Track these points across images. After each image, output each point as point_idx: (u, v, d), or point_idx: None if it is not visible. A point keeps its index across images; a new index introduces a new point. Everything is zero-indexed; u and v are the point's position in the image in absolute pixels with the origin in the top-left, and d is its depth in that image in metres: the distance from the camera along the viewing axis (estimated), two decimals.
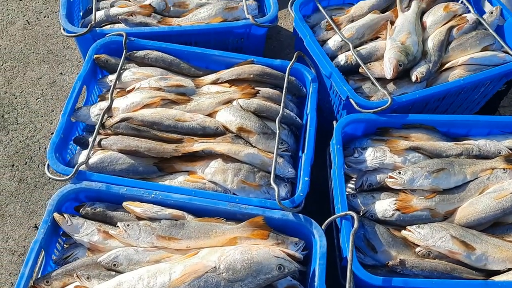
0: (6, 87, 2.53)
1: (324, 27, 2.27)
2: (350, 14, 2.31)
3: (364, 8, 2.32)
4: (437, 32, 2.21)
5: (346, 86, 1.97)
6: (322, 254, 1.59)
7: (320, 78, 2.13)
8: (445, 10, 2.27)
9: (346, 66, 2.15)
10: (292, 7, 2.25)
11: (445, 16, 2.26)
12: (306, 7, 2.32)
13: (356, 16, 2.30)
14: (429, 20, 2.27)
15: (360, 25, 2.24)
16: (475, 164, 1.85)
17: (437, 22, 2.25)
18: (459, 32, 2.21)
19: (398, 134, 1.95)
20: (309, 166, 1.79)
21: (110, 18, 2.34)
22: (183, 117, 1.89)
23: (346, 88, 1.96)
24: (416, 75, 2.05)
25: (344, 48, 2.21)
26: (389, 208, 1.77)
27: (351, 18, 2.30)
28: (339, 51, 2.21)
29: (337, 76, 2.00)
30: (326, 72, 2.05)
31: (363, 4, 2.34)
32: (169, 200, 1.68)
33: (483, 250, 1.66)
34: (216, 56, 2.12)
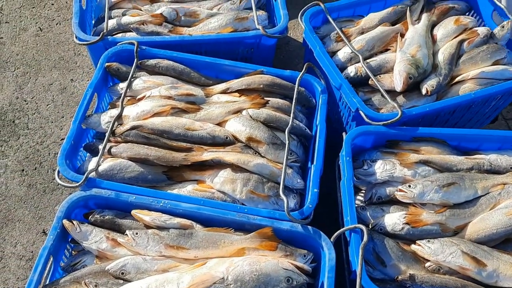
0: (17, 93, 2.56)
1: (334, 39, 2.28)
2: (360, 26, 2.31)
3: (374, 21, 2.32)
4: (447, 45, 2.20)
5: (355, 97, 1.97)
6: (331, 267, 1.58)
7: (330, 89, 2.13)
8: (455, 23, 2.26)
9: (356, 78, 2.15)
10: (302, 18, 2.25)
11: (455, 29, 2.25)
12: (316, 19, 2.33)
13: (366, 28, 2.31)
14: (440, 33, 2.26)
15: (370, 37, 2.24)
16: (486, 179, 1.84)
17: (448, 35, 2.24)
18: (470, 45, 2.20)
19: (408, 147, 1.94)
20: (318, 177, 1.79)
21: (122, 27, 2.36)
22: (192, 126, 1.89)
23: (355, 100, 1.96)
24: (426, 88, 2.05)
25: (353, 60, 2.21)
26: (398, 222, 1.76)
27: (361, 30, 2.31)
28: (349, 63, 2.21)
29: (346, 87, 2.00)
30: (335, 83, 2.05)
31: (373, 16, 2.34)
32: (178, 209, 1.68)
33: (494, 266, 1.64)
34: (226, 65, 2.13)
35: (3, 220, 2.11)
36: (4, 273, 1.97)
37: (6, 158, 2.31)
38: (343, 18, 2.40)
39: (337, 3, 2.35)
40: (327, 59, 2.11)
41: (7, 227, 2.10)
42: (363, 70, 2.12)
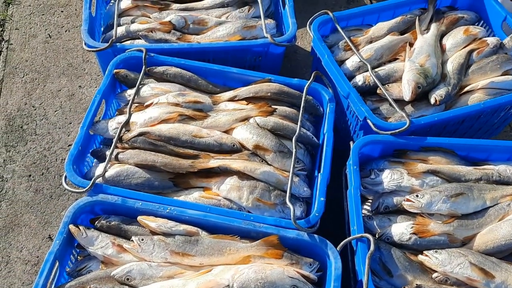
0: (26, 99, 2.58)
1: (343, 48, 2.28)
2: (368, 35, 2.31)
3: (383, 30, 2.32)
4: (456, 55, 2.20)
5: (363, 106, 1.96)
6: (337, 276, 1.57)
7: (337, 98, 2.13)
8: (465, 33, 2.26)
9: (364, 87, 2.14)
10: (310, 27, 2.26)
11: (465, 39, 2.25)
12: (325, 27, 2.33)
13: (375, 37, 2.31)
14: (449, 43, 2.26)
15: (378, 46, 2.25)
16: (495, 190, 1.82)
17: (457, 45, 2.24)
18: (479, 55, 2.20)
19: (416, 157, 1.93)
20: (325, 186, 1.78)
21: (131, 34, 2.38)
22: (200, 133, 1.89)
23: (363, 109, 1.95)
24: (435, 97, 2.04)
25: (362, 69, 2.21)
26: (406, 232, 1.74)
27: (369, 39, 2.31)
28: (357, 72, 2.21)
29: (354, 96, 2.00)
30: (343, 92, 2.04)
31: (382, 25, 2.34)
32: (184, 216, 1.68)
33: (503, 278, 1.62)
34: (234, 73, 2.14)
35: (9, 225, 2.12)
36: (10, 278, 1.97)
37: (13, 163, 2.32)
38: (351, 27, 2.41)
39: (346, 12, 2.35)
40: (335, 67, 2.11)
41: (14, 232, 2.10)
42: (371, 79, 2.12)
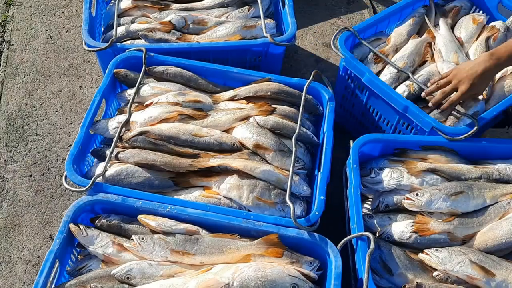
0: (26, 99, 2.58)
1: (372, 61, 2.23)
2: (392, 44, 2.28)
3: (403, 35, 2.30)
4: (477, 46, 2.23)
5: (428, 117, 1.92)
6: (337, 275, 1.57)
7: (383, 109, 2.13)
8: (474, 23, 2.29)
9: (410, 97, 2.07)
10: (336, 46, 2.16)
11: (476, 28, 2.28)
12: (346, 43, 2.21)
13: (399, 44, 2.28)
14: (463, 35, 2.28)
15: (409, 52, 2.21)
16: (495, 188, 1.82)
17: (472, 35, 2.27)
18: (495, 41, 2.22)
19: (416, 156, 1.93)
20: (325, 184, 1.78)
21: (131, 34, 2.38)
22: (200, 132, 1.90)
23: (429, 120, 1.91)
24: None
25: (400, 79, 2.16)
26: (406, 230, 1.74)
27: (394, 48, 2.28)
28: (396, 83, 2.16)
29: (414, 109, 1.94)
30: (399, 107, 1.99)
31: (400, 31, 2.32)
32: (184, 215, 1.68)
33: (503, 276, 1.61)
34: (233, 73, 2.14)
35: (10, 225, 2.12)
36: (11, 278, 1.97)
37: (14, 163, 2.32)
38: (370, 38, 2.36)
39: (361, 25, 2.27)
40: (381, 83, 2.04)
41: (14, 232, 2.10)
42: (414, 87, 2.09)
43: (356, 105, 2.32)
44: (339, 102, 2.40)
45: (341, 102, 2.40)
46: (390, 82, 2.15)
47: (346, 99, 2.36)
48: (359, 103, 2.27)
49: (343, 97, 2.37)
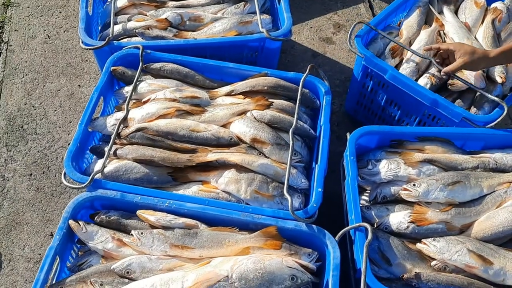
0: (26, 99, 2.60)
1: (389, 56, 2.25)
2: (406, 37, 2.30)
3: (414, 26, 2.32)
4: (485, 29, 2.26)
5: (457, 108, 1.95)
6: (336, 266, 1.58)
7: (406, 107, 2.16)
8: (477, 6, 2.33)
9: (432, 88, 2.10)
10: (352, 44, 2.17)
11: (480, 12, 2.32)
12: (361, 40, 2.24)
13: (412, 36, 2.30)
14: (469, 20, 2.32)
15: (424, 44, 2.23)
16: (492, 178, 1.83)
17: (477, 19, 2.31)
18: (501, 23, 2.27)
19: (412, 147, 1.94)
20: (322, 177, 1.79)
21: (127, 32, 2.39)
22: (197, 127, 1.91)
23: (458, 111, 1.94)
24: (499, 76, 2.07)
25: (420, 71, 2.19)
26: (403, 221, 1.75)
27: (408, 40, 2.30)
28: (415, 75, 2.18)
29: (443, 102, 1.97)
30: (427, 100, 2.01)
31: (410, 23, 2.34)
32: (183, 209, 1.69)
33: (501, 264, 1.62)
34: (230, 68, 2.15)
35: (11, 223, 2.14)
36: (13, 275, 1.99)
37: (14, 162, 2.34)
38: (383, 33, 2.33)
39: (374, 20, 2.28)
40: (406, 79, 2.06)
41: (16, 230, 2.12)
42: (435, 78, 2.12)
43: (375, 102, 2.34)
44: (356, 100, 2.43)
45: (359, 99, 2.43)
46: (410, 75, 2.17)
47: (364, 96, 2.38)
48: (379, 99, 2.30)
49: (360, 94, 2.39)
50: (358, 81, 2.32)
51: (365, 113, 2.47)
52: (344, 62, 2.85)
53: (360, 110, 2.49)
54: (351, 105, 2.53)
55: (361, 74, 2.27)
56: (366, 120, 2.49)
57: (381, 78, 2.15)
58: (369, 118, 2.46)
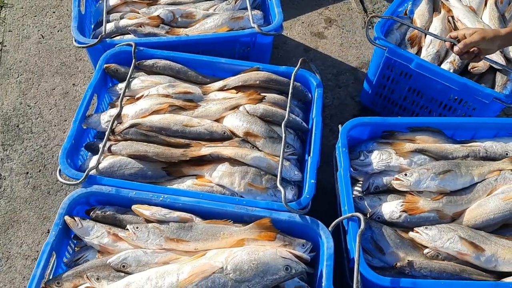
0: (21, 98, 2.61)
1: (409, 45, 2.30)
2: (420, 25, 2.34)
3: (426, 15, 2.38)
4: (489, 11, 2.32)
5: (487, 90, 2.01)
6: (329, 255, 1.60)
7: (432, 90, 2.20)
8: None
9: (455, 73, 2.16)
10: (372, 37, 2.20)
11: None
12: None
13: (425, 24, 2.35)
14: (473, 3, 2.37)
15: (439, 31, 2.28)
16: (482, 166, 1.85)
17: (481, 2, 2.38)
18: (503, 3, 2.32)
19: (404, 137, 1.96)
20: (315, 168, 1.81)
21: (120, 30, 2.41)
22: (190, 122, 1.93)
23: (488, 92, 2.00)
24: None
25: (440, 57, 2.25)
26: (396, 210, 1.77)
27: (423, 28, 2.34)
28: (437, 62, 2.24)
29: (473, 85, 2.03)
30: (455, 85, 2.07)
31: (421, 11, 2.40)
32: (177, 203, 1.71)
33: (492, 251, 1.64)
34: (222, 63, 2.16)
35: (9, 222, 2.16)
36: (11, 273, 2.01)
37: (11, 161, 2.36)
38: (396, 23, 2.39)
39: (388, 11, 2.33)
40: (432, 66, 2.12)
41: (13, 228, 2.14)
42: (456, 63, 2.18)
43: (396, 91, 2.38)
44: (375, 91, 2.47)
45: (377, 90, 2.46)
46: (432, 62, 2.23)
47: (383, 87, 2.42)
48: (400, 88, 2.34)
49: (379, 86, 2.42)
50: (378, 73, 2.35)
51: (384, 104, 2.52)
52: (336, 56, 2.86)
53: (378, 101, 2.53)
54: (368, 96, 2.56)
55: (382, 65, 2.29)
56: (384, 110, 2.54)
57: (404, 67, 2.19)
58: (389, 108, 2.51)
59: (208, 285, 1.46)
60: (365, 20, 2.20)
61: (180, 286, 1.46)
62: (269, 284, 1.50)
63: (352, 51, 2.90)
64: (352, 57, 2.87)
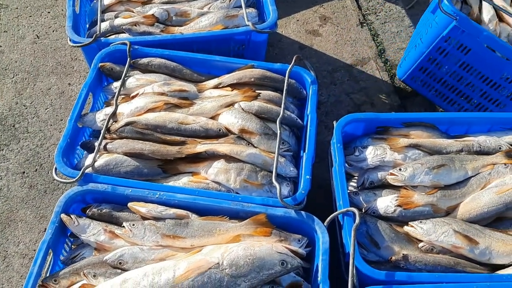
0: (17, 98, 2.62)
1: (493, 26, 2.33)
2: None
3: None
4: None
5: None
6: (325, 250, 1.61)
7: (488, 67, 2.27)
8: None
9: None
10: (442, 8, 2.22)
11: None
12: None
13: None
14: None
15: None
16: (476, 160, 1.86)
17: None
18: None
19: (398, 133, 1.97)
20: (310, 164, 1.82)
21: (115, 29, 2.41)
22: (186, 120, 1.93)
23: None
24: None
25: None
26: (390, 205, 1.79)
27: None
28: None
29: None
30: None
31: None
32: (173, 200, 1.71)
33: (486, 244, 1.66)
34: (217, 61, 2.17)
35: (6, 221, 2.16)
36: (8, 272, 2.02)
37: (7, 161, 2.36)
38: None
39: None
40: (502, 42, 2.16)
41: (10, 227, 2.14)
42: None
43: (445, 66, 2.44)
44: (420, 66, 2.51)
45: (424, 65, 2.50)
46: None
47: (433, 62, 2.45)
48: (451, 63, 2.39)
49: (429, 59, 2.45)
50: (434, 45, 2.37)
51: (426, 80, 2.56)
52: (331, 53, 2.88)
53: (420, 77, 2.58)
54: (409, 72, 2.60)
55: (440, 37, 2.30)
56: (423, 88, 2.61)
57: (468, 40, 2.22)
58: (429, 84, 2.57)
59: (204, 281, 1.47)
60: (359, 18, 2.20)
61: (177, 282, 1.47)
62: (265, 279, 1.51)
63: (347, 48, 2.91)
64: (347, 54, 2.88)
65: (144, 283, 1.47)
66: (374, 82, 2.74)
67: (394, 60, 2.87)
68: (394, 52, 2.91)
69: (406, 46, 2.92)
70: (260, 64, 2.15)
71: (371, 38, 2.97)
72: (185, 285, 1.45)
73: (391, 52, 2.91)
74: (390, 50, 2.92)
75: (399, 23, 3.07)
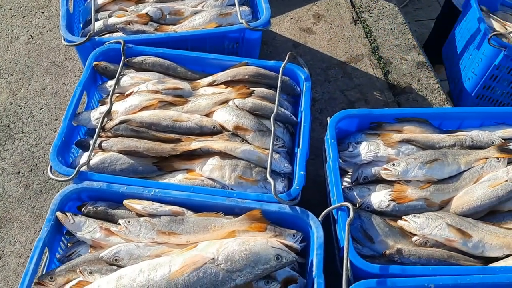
0: (11, 98, 2.62)
1: None
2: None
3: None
4: None
5: None
6: (319, 245, 1.62)
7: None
8: None
9: None
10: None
11: None
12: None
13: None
14: None
15: None
16: (469, 154, 1.88)
17: None
18: None
19: (391, 128, 1.99)
20: (304, 160, 1.83)
21: (109, 28, 2.42)
22: (180, 117, 1.94)
23: None
24: None
25: None
26: (384, 199, 1.80)
27: None
28: None
29: None
30: None
31: None
32: (169, 197, 1.72)
33: (479, 237, 1.67)
34: (211, 59, 2.18)
35: (1, 221, 2.16)
36: (4, 271, 2.02)
37: (2, 161, 2.36)
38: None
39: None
40: None
41: (6, 227, 2.14)
42: None
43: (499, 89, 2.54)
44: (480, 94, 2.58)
45: (483, 93, 2.58)
46: None
47: (488, 88, 2.54)
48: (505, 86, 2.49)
49: (484, 87, 2.54)
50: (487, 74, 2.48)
51: (484, 104, 2.63)
52: (325, 51, 2.89)
53: (479, 103, 2.63)
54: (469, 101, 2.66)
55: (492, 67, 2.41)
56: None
57: None
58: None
59: (200, 276, 1.48)
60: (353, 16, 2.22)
61: (172, 277, 1.47)
62: (260, 273, 1.52)
63: (340, 45, 2.93)
64: (340, 51, 2.90)
65: (140, 279, 1.47)
66: (368, 79, 2.76)
67: (388, 57, 2.89)
68: (388, 49, 2.93)
69: (399, 43, 2.95)
70: (254, 62, 2.16)
71: (364, 36, 2.98)
72: (181, 280, 1.46)
73: (385, 49, 2.93)
74: (384, 47, 2.94)
75: (392, 20, 3.09)
